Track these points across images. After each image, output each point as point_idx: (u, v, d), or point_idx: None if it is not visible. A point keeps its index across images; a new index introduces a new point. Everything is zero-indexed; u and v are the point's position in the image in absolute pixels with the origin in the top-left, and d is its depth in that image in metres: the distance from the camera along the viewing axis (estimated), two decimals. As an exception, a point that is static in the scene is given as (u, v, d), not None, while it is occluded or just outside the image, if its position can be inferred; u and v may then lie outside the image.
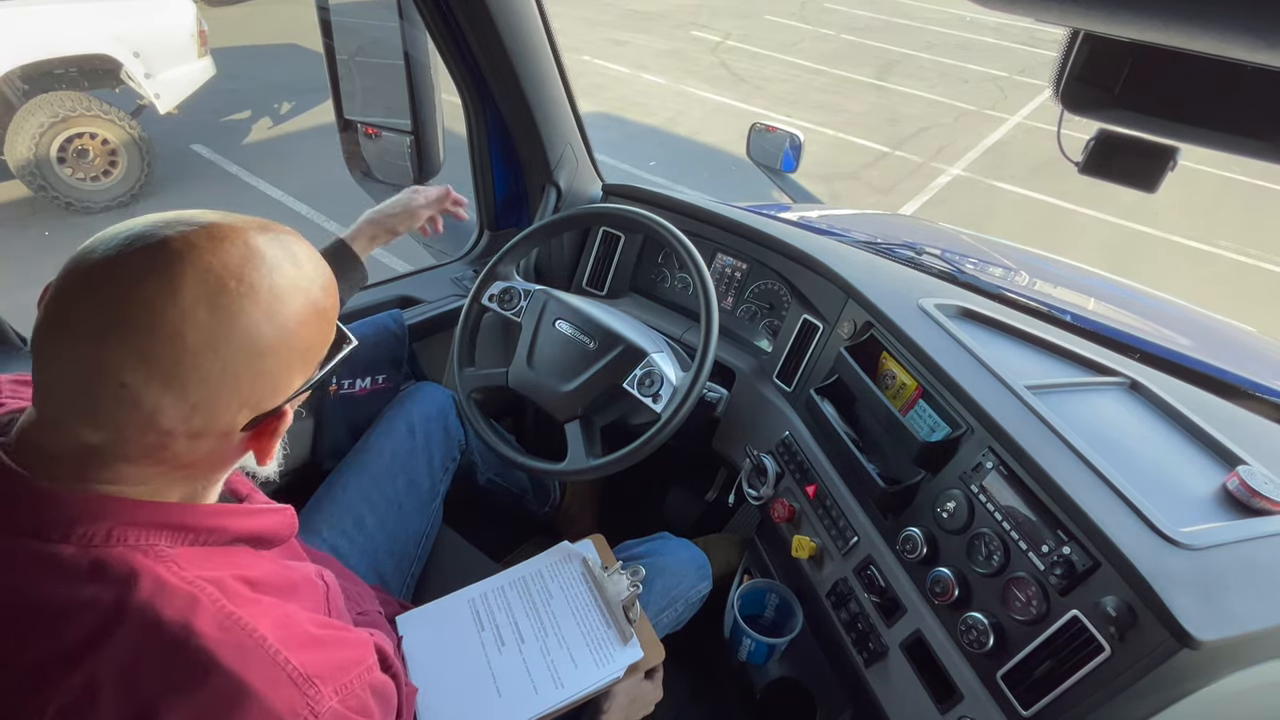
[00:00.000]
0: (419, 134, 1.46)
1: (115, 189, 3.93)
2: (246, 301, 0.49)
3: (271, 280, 0.50)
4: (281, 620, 0.51)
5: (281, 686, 0.48)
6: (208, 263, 0.48)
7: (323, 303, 0.55)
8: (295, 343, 0.52)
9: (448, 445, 1.21)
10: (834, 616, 1.03)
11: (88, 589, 0.46)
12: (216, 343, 0.47)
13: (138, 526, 0.49)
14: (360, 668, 0.54)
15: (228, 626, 0.48)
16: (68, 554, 0.47)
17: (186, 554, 0.51)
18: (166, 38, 3.95)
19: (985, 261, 1.65)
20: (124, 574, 0.47)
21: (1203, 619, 0.67)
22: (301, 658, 0.50)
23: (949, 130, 6.18)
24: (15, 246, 3.67)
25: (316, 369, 0.57)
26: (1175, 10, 0.41)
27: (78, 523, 0.48)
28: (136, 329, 0.45)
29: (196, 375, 0.47)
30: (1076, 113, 0.64)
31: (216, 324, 0.47)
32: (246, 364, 0.49)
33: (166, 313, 0.46)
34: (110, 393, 0.46)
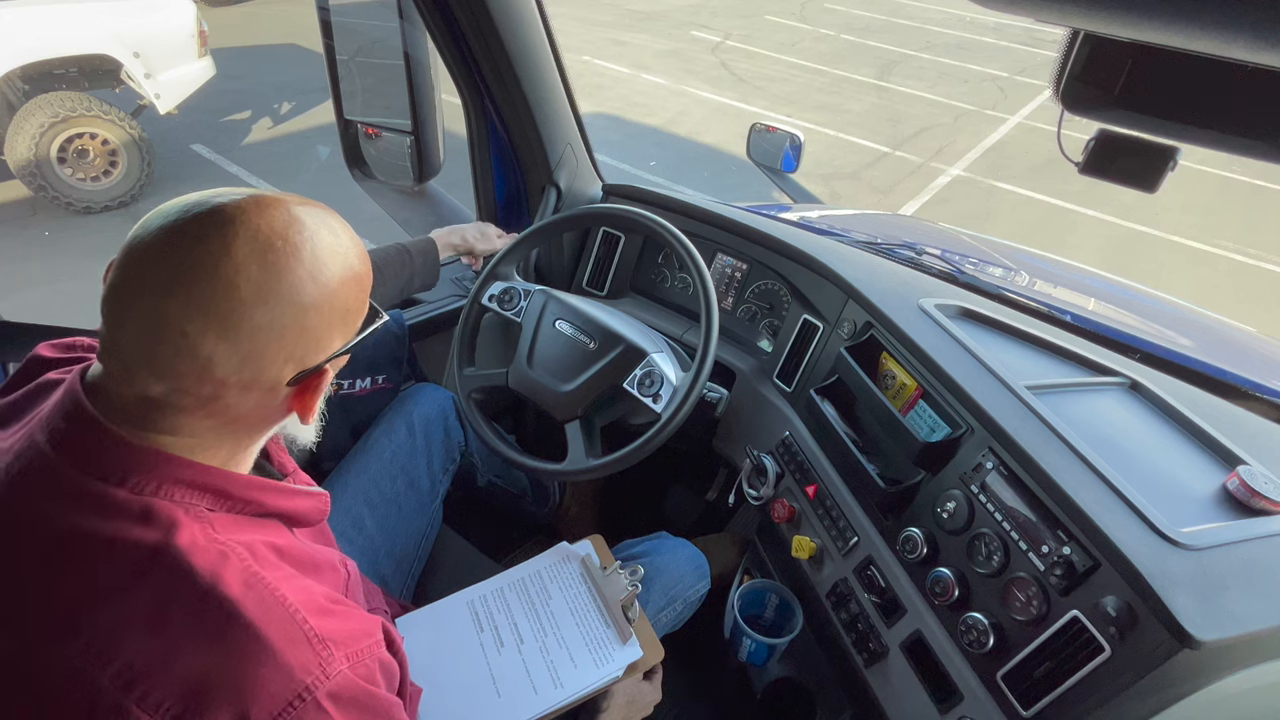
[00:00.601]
0: (419, 134, 1.46)
1: (115, 189, 3.93)
2: (292, 259, 0.53)
3: (313, 243, 0.54)
4: (300, 588, 0.54)
5: (298, 644, 0.50)
6: (256, 224, 0.52)
7: (359, 269, 0.59)
8: (336, 302, 0.56)
9: (448, 446, 1.21)
10: (834, 617, 1.03)
11: (134, 530, 0.50)
12: (266, 295, 0.51)
13: (184, 485, 0.53)
14: (370, 640, 0.56)
15: (252, 584, 0.50)
16: (121, 496, 0.51)
17: (223, 519, 0.54)
18: (166, 38, 3.95)
19: (985, 261, 1.65)
20: (166, 523, 0.50)
21: (1203, 619, 0.67)
22: (318, 621, 0.52)
23: (949, 130, 6.19)
24: (15, 246, 3.67)
25: (354, 334, 0.60)
26: (1175, 10, 0.40)
27: (133, 471, 0.51)
28: (197, 282, 0.50)
29: (248, 326, 0.51)
30: (1076, 113, 0.64)
31: (266, 278, 0.51)
32: (292, 318, 0.53)
33: (221, 268, 0.50)
34: (172, 342, 0.50)
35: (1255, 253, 4.61)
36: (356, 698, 0.52)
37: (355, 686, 0.52)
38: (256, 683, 0.47)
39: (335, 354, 0.58)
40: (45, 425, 0.53)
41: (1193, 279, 4.32)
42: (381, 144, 1.56)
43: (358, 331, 0.61)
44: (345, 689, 0.51)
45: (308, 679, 0.49)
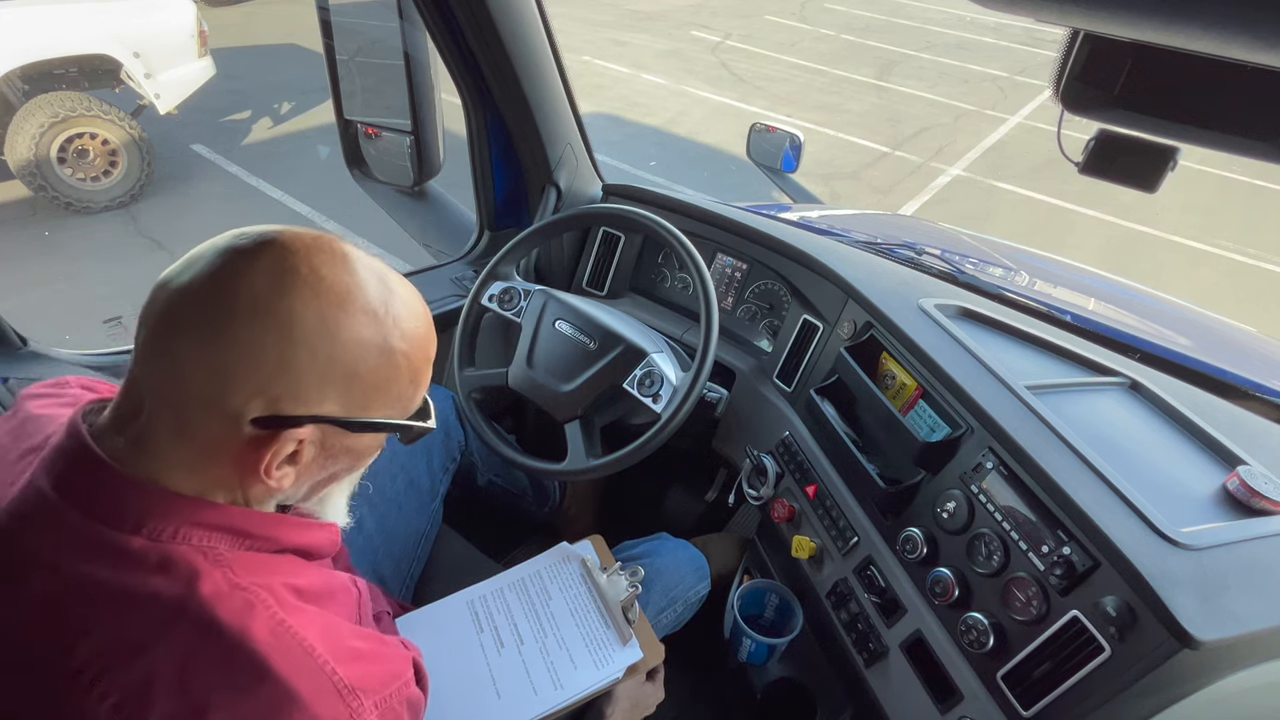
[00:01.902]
0: (419, 134, 1.46)
1: (115, 189, 3.93)
2: (309, 289, 0.50)
3: (347, 289, 0.51)
4: (327, 630, 0.52)
5: (327, 696, 0.48)
6: (288, 247, 0.51)
7: (395, 344, 0.54)
8: (339, 360, 0.51)
9: (448, 446, 1.21)
10: (834, 617, 1.03)
11: (154, 581, 0.47)
12: (258, 310, 0.48)
13: (203, 528, 0.51)
14: (399, 682, 0.55)
15: (279, 633, 0.49)
16: (138, 545, 0.48)
17: (241, 559, 0.52)
18: (166, 38, 3.96)
19: (985, 261, 1.65)
20: (187, 572, 0.48)
21: (1203, 619, 0.67)
22: (346, 669, 0.50)
23: (949, 130, 6.19)
24: (15, 246, 3.67)
25: (364, 413, 0.54)
26: (1175, 10, 0.40)
27: (150, 517, 0.49)
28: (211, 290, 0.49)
29: (229, 336, 0.48)
30: (1076, 113, 0.64)
31: (268, 294, 0.49)
32: (278, 347, 0.49)
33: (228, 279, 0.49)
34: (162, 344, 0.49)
35: (1255, 253, 4.61)
36: None
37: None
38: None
39: (324, 418, 0.52)
40: (48, 469, 0.50)
41: (1193, 279, 4.32)
42: (381, 144, 1.56)
43: (372, 415, 0.55)
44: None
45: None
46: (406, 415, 0.59)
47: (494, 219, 1.55)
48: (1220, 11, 0.39)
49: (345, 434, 0.54)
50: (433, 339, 0.59)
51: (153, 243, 3.69)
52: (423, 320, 0.58)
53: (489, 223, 1.56)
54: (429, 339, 0.58)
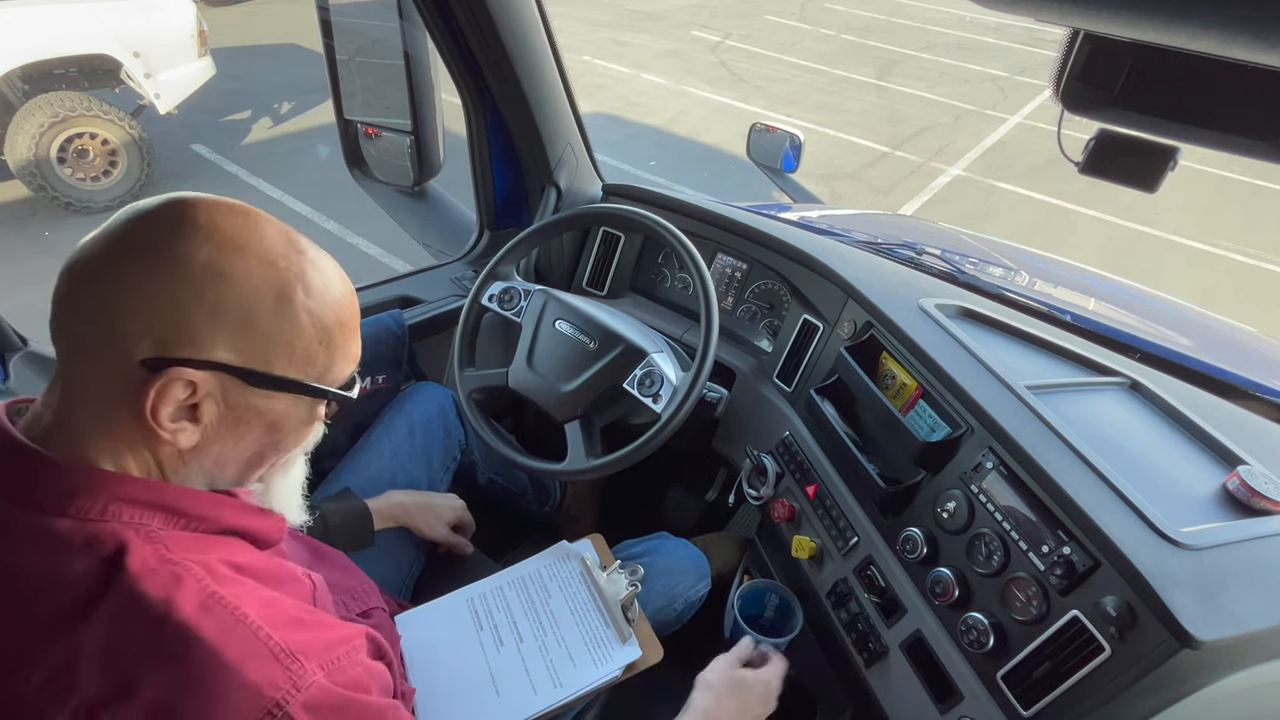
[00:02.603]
0: (419, 134, 1.46)
1: (115, 189, 3.93)
2: (201, 233, 0.50)
3: (247, 239, 0.51)
4: (265, 601, 0.51)
5: (262, 661, 0.48)
6: (190, 200, 0.51)
7: (297, 297, 0.52)
8: (232, 304, 0.50)
9: (448, 445, 1.21)
10: (834, 617, 1.03)
11: (79, 562, 0.47)
12: (146, 250, 0.49)
13: (133, 504, 0.50)
14: (347, 647, 0.54)
15: (209, 605, 0.48)
16: (63, 527, 0.48)
17: (176, 537, 0.51)
18: (166, 38, 3.96)
19: (985, 261, 1.65)
20: (114, 549, 0.48)
21: (1203, 619, 0.67)
22: (285, 635, 0.49)
23: (949, 130, 6.19)
24: (15, 246, 3.67)
25: (265, 367, 0.52)
26: (1175, 10, 0.40)
27: (75, 495, 0.49)
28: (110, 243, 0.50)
29: (115, 273, 0.49)
30: (1076, 113, 0.64)
31: (158, 235, 0.49)
32: (169, 285, 0.48)
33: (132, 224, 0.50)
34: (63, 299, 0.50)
35: (1255, 253, 4.61)
36: (341, 705, 0.50)
37: (336, 695, 0.50)
38: (221, 704, 0.46)
39: (218, 365, 0.50)
40: None
41: (1193, 279, 4.32)
42: (381, 144, 1.56)
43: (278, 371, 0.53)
44: (325, 698, 0.49)
45: (277, 694, 0.47)
46: (324, 383, 0.56)
47: (494, 219, 1.55)
48: (1220, 11, 0.39)
49: (249, 390, 0.52)
50: (350, 306, 0.57)
51: (153, 243, 3.68)
52: (336, 283, 0.56)
53: (489, 223, 1.56)
54: (344, 305, 0.56)
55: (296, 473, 0.64)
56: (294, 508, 0.63)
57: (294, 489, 0.64)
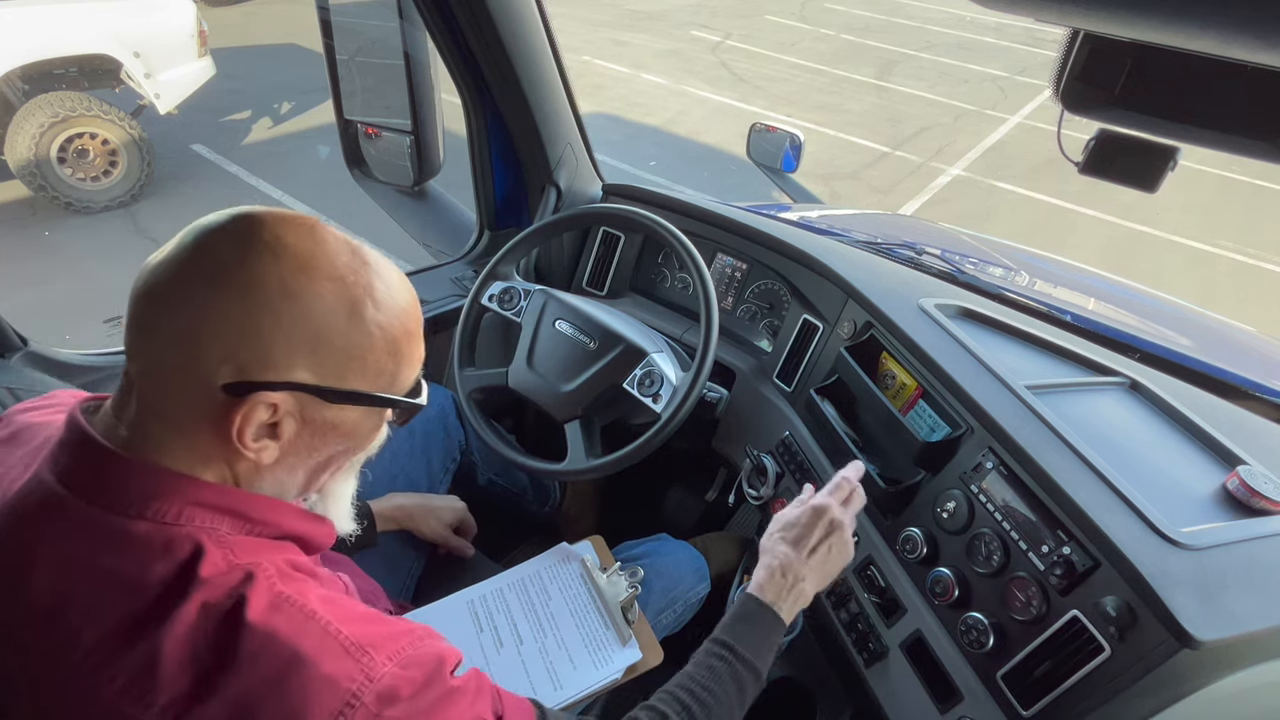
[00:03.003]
0: (419, 134, 1.46)
1: (115, 189, 3.93)
2: (266, 252, 0.50)
3: (314, 256, 0.51)
4: (326, 599, 0.53)
5: (335, 655, 0.49)
6: (253, 217, 0.52)
7: (367, 313, 0.53)
8: (308, 326, 0.51)
9: (447, 446, 1.21)
10: (834, 616, 1.03)
11: (158, 565, 0.48)
12: (220, 274, 0.49)
13: (206, 509, 0.51)
14: (410, 637, 0.55)
15: (279, 604, 0.49)
16: (141, 530, 0.49)
17: (241, 542, 0.53)
18: (166, 38, 3.96)
19: (985, 261, 1.65)
20: (190, 553, 0.49)
21: (1203, 619, 0.67)
22: (352, 629, 0.51)
23: (949, 130, 6.19)
24: (15, 246, 3.68)
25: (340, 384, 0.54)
26: (1175, 10, 0.40)
27: (153, 499, 0.50)
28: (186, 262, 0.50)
29: (195, 299, 0.49)
30: (1076, 113, 0.64)
31: (231, 260, 0.50)
32: (246, 311, 0.49)
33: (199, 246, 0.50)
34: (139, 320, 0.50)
35: (1255, 253, 4.61)
36: (415, 692, 0.51)
37: (410, 681, 0.51)
38: (300, 699, 0.47)
39: (297, 385, 0.51)
40: (50, 462, 0.51)
41: (1193, 279, 4.32)
42: (381, 144, 1.56)
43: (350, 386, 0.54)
44: (399, 687, 0.50)
45: (352, 686, 0.48)
46: (393, 391, 0.58)
47: (494, 219, 1.55)
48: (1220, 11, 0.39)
49: (325, 406, 0.54)
50: (415, 314, 0.58)
51: (153, 243, 3.69)
52: (401, 292, 0.57)
53: (489, 223, 1.56)
54: (409, 313, 0.57)
55: (352, 481, 0.65)
56: (345, 516, 0.65)
57: (348, 496, 0.65)
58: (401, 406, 0.59)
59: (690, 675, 0.74)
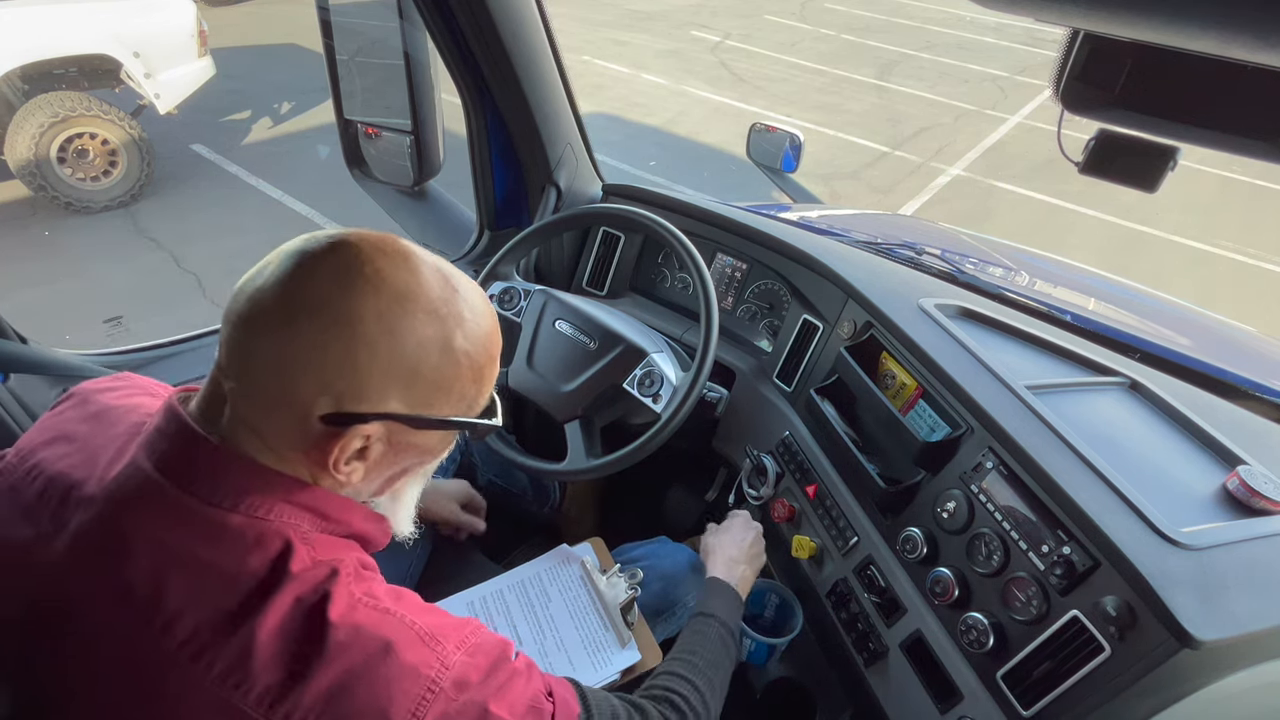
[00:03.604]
0: (419, 134, 1.45)
1: (115, 189, 3.93)
2: (370, 288, 0.51)
3: (410, 289, 0.53)
4: (393, 593, 0.56)
5: (414, 645, 0.52)
6: (355, 248, 0.52)
7: (457, 344, 0.55)
8: (402, 359, 0.53)
9: (447, 446, 1.21)
10: (834, 616, 1.03)
11: (252, 558, 0.50)
12: (322, 307, 0.50)
13: (292, 506, 0.54)
14: (470, 628, 0.57)
15: (361, 599, 0.52)
16: (236, 523, 0.51)
17: (320, 539, 0.55)
18: (166, 38, 3.96)
19: (985, 261, 1.65)
20: (281, 548, 0.51)
21: (1203, 619, 0.67)
22: (423, 620, 0.54)
23: (949, 130, 6.19)
24: (15, 246, 3.67)
25: (429, 410, 0.56)
26: (1175, 10, 0.40)
27: (247, 493, 0.52)
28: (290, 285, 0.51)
29: (293, 329, 0.50)
30: (1076, 113, 0.64)
31: (331, 293, 0.51)
32: (343, 345, 0.51)
33: (299, 276, 0.51)
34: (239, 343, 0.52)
35: (1255, 253, 4.61)
36: (483, 678, 0.54)
37: (478, 668, 0.54)
38: (388, 685, 0.49)
39: (390, 415, 0.54)
40: (148, 450, 0.53)
41: (1193, 279, 4.32)
42: (381, 144, 1.55)
43: (437, 412, 0.57)
44: (469, 673, 0.53)
45: (430, 672, 0.51)
46: (472, 413, 0.60)
47: (494, 219, 1.55)
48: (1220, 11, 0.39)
49: (411, 431, 0.56)
50: (496, 338, 0.60)
51: (152, 243, 3.69)
52: (486, 318, 0.59)
53: (489, 223, 1.56)
54: (492, 338, 0.59)
55: (420, 487, 0.67)
56: (408, 519, 0.67)
57: (414, 501, 0.67)
58: (482, 429, 0.61)
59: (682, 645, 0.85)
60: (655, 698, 0.74)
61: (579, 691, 0.65)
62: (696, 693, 0.76)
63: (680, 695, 0.75)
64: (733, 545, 1.04)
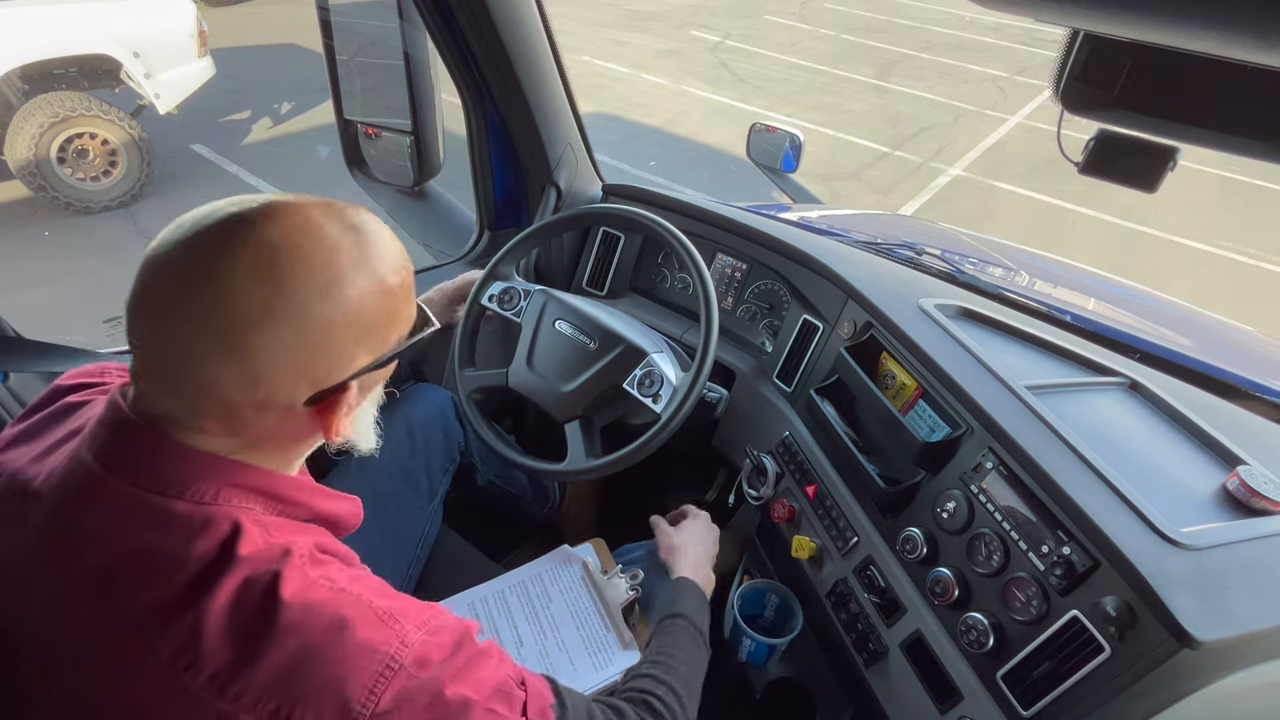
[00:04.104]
0: (419, 134, 1.45)
1: (115, 189, 3.93)
2: (300, 274, 0.51)
3: (329, 254, 0.52)
4: (354, 577, 0.55)
5: (371, 623, 0.51)
6: (264, 234, 0.50)
7: (389, 280, 0.56)
8: (356, 319, 0.54)
9: (447, 446, 1.21)
10: (834, 617, 1.03)
11: (199, 543, 0.50)
12: (270, 314, 0.50)
13: (241, 490, 0.53)
14: (431, 611, 0.57)
15: (314, 580, 0.52)
16: (182, 509, 0.51)
17: (275, 522, 0.55)
18: (166, 38, 3.96)
19: (985, 261, 1.65)
20: (229, 531, 0.51)
21: (1203, 619, 0.67)
22: (381, 601, 0.53)
23: (949, 130, 6.19)
24: (15, 246, 3.67)
25: (388, 348, 0.58)
26: (1175, 10, 0.40)
27: (192, 479, 0.52)
28: (199, 299, 0.49)
29: (250, 346, 0.50)
30: (1076, 113, 0.64)
31: (269, 295, 0.50)
32: (303, 337, 0.51)
33: (223, 283, 0.49)
34: (182, 363, 0.50)
35: (1255, 253, 4.61)
36: (446, 656, 0.54)
37: (440, 646, 0.54)
38: (343, 663, 0.49)
39: (361, 371, 0.56)
40: (91, 443, 0.53)
41: (1193, 279, 4.32)
42: (381, 144, 1.56)
43: (395, 345, 0.59)
44: (431, 652, 0.53)
45: (389, 649, 0.51)
46: (409, 326, 0.61)
47: (494, 219, 1.55)
48: (1220, 11, 0.39)
49: (378, 372, 0.59)
50: (404, 251, 0.61)
51: (153, 243, 3.69)
52: (390, 240, 0.59)
53: (489, 223, 1.56)
54: (403, 254, 0.60)
55: (375, 404, 0.67)
56: (369, 436, 0.66)
57: (370, 418, 0.67)
58: (428, 336, 0.63)
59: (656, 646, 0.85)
60: (632, 699, 0.74)
61: (554, 686, 0.65)
62: (673, 694, 0.77)
63: (656, 697, 0.75)
64: (698, 545, 1.05)
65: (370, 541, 1.06)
